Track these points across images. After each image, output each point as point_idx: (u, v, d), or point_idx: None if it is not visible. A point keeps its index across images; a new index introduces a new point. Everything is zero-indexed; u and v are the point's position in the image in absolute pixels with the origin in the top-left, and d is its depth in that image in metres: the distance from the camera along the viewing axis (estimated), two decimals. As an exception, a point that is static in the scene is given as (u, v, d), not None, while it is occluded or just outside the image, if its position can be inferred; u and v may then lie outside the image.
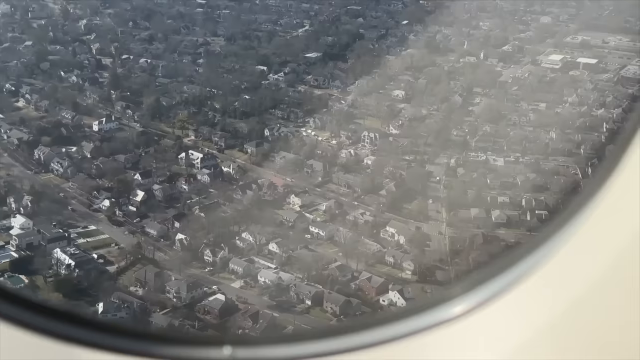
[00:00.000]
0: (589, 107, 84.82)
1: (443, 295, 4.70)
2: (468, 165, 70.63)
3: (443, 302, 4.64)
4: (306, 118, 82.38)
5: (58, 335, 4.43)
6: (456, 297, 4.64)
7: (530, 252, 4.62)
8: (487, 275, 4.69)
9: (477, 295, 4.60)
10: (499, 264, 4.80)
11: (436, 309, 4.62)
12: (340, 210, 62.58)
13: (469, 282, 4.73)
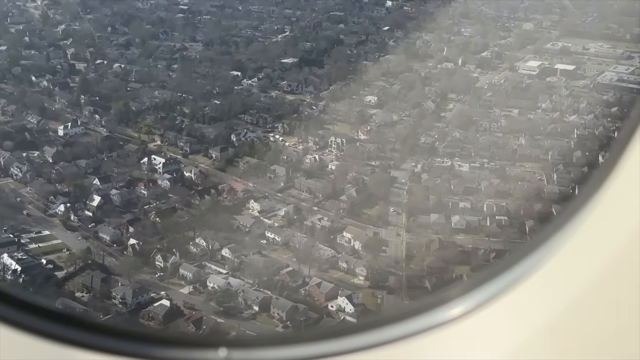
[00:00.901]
0: (562, 113, 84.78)
1: (441, 297, 4.71)
2: (433, 171, 70.52)
3: (441, 303, 4.64)
4: (275, 123, 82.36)
5: (55, 337, 4.46)
6: (455, 299, 4.64)
7: (528, 253, 4.63)
8: (486, 277, 4.69)
9: (476, 296, 4.59)
10: (497, 265, 4.81)
11: (434, 310, 4.62)
12: (298, 215, 62.40)
13: (468, 284, 4.75)
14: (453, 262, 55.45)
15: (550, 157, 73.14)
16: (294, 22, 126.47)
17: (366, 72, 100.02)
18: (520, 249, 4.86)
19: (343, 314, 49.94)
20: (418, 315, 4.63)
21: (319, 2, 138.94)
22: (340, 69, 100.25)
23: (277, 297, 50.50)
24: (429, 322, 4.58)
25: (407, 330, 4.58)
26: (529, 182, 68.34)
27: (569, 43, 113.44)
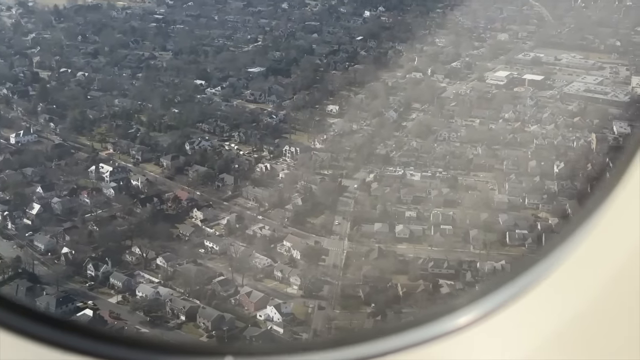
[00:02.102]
0: (523, 123, 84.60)
1: (449, 306, 4.73)
2: (384, 180, 70.23)
3: (449, 312, 4.67)
4: (232, 132, 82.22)
5: (58, 344, 4.46)
6: (462, 308, 4.66)
7: (536, 262, 4.68)
8: (493, 286, 4.72)
9: (483, 305, 4.62)
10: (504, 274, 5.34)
11: (442, 319, 4.64)
12: (240, 224, 62.05)
13: (475, 293, 4.81)
14: (390, 271, 55.03)
15: (504, 167, 72.86)
16: (267, 32, 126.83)
17: (332, 82, 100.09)
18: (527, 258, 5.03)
19: (271, 324, 49.46)
20: (426, 324, 4.64)
21: (296, 12, 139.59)
22: (305, 79, 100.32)
23: (203, 306, 50.03)
24: (436, 330, 4.60)
25: (414, 339, 4.59)
26: (479, 192, 68.03)
27: (542, 54, 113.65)
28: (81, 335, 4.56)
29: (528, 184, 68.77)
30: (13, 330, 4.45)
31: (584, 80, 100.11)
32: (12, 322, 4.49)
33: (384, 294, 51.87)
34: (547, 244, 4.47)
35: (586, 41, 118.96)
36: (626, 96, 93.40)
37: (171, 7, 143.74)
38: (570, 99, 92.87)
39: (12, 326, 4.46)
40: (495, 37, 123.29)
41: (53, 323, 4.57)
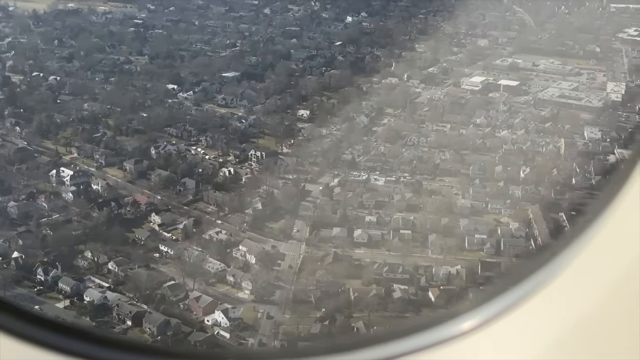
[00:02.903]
0: (494, 128, 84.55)
1: (453, 311, 4.78)
2: (348, 185, 70.06)
3: (453, 317, 4.71)
4: (200, 136, 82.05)
5: (59, 349, 4.47)
6: (465, 313, 4.72)
7: (539, 268, 4.71)
8: (497, 291, 4.76)
9: (487, 310, 4.66)
10: (507, 280, 4.89)
11: (446, 324, 4.69)
12: (198, 228, 61.81)
13: (478, 298, 4.99)
14: (344, 275, 54.79)
15: (470, 172, 72.74)
16: (247, 37, 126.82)
17: (306, 87, 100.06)
18: (530, 264, 4.94)
19: (218, 328, 49.13)
20: (430, 329, 4.67)
21: (277, 18, 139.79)
22: (279, 83, 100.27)
23: (150, 311, 49.70)
24: (440, 335, 4.63)
25: (419, 344, 4.62)
26: (443, 197, 67.83)
27: (520, 59, 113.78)
28: (81, 339, 4.58)
29: (492, 189, 68.64)
30: (12, 333, 4.45)
31: (559, 86, 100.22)
32: (11, 325, 4.49)
33: (335, 299, 51.59)
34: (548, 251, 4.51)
35: (566, 47, 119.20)
36: (600, 102, 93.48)
37: (152, 12, 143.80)
38: (544, 105, 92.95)
39: (11, 329, 4.46)
40: (475, 42, 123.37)
41: (52, 326, 4.59)
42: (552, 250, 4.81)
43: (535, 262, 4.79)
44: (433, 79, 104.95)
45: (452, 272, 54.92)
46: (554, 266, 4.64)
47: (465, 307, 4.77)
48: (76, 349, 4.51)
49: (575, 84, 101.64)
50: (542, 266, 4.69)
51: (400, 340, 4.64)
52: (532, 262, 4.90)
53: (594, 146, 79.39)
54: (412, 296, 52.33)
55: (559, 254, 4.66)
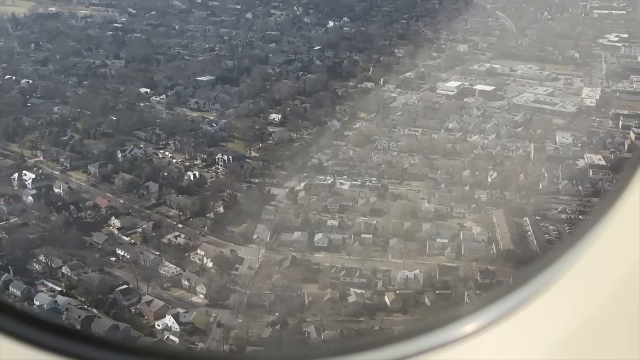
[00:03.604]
0: (465, 133, 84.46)
1: (456, 313, 4.79)
2: (313, 189, 69.79)
3: (456, 319, 4.72)
4: (168, 140, 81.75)
5: (58, 351, 4.47)
6: (469, 315, 4.73)
7: (541, 271, 4.73)
8: (499, 294, 4.77)
9: (489, 313, 4.67)
10: (510, 283, 4.96)
11: (449, 326, 4.69)
12: (157, 232, 61.41)
13: (480, 301, 4.85)
14: (301, 280, 54.49)
15: (438, 176, 72.58)
16: (226, 41, 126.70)
17: (280, 91, 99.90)
18: (532, 267, 4.98)
19: (169, 333, 48.74)
20: (433, 331, 4.68)
21: (259, 22, 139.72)
22: (254, 87, 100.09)
23: (99, 315, 49.28)
24: (443, 338, 4.63)
25: (422, 346, 4.62)
26: (408, 201, 67.65)
27: (498, 64, 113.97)
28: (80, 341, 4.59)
29: (458, 194, 68.47)
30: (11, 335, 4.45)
31: (534, 91, 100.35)
32: (10, 327, 4.48)
33: (289, 303, 51.26)
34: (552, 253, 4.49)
35: (545, 52, 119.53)
36: (574, 107, 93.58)
37: (133, 16, 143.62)
38: (518, 110, 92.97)
39: (10, 331, 4.46)
40: (454, 48, 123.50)
41: (51, 328, 4.58)
42: (554, 253, 4.81)
43: (538, 265, 4.79)
44: (409, 84, 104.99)
45: (409, 276, 54.64)
46: (556, 269, 4.65)
47: (468, 309, 4.76)
48: (75, 350, 4.50)
49: (551, 89, 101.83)
50: (544, 269, 4.70)
51: (404, 343, 4.65)
52: (535, 264, 4.96)
53: (564, 151, 79.40)
54: (367, 300, 51.99)
55: (561, 256, 4.67)
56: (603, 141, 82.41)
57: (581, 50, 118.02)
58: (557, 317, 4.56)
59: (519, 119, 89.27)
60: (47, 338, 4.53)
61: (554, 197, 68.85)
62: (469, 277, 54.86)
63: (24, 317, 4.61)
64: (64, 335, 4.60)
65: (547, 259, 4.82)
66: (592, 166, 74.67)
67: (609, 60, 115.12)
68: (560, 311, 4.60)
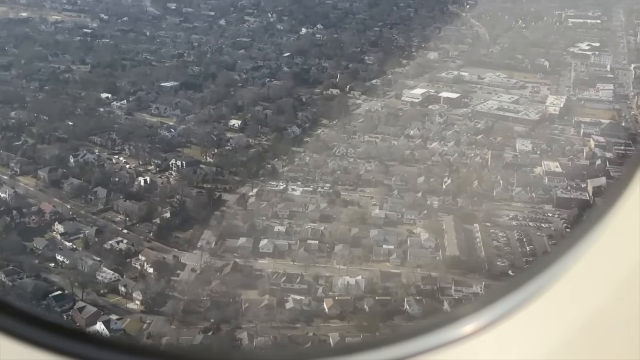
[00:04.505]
0: (424, 140, 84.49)
1: (456, 313, 4.78)
2: (264, 195, 69.51)
3: (455, 320, 4.72)
4: (124, 145, 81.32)
5: (59, 350, 4.46)
6: (468, 315, 4.71)
7: (542, 270, 4.72)
8: (499, 294, 4.77)
9: (489, 313, 4.67)
10: (510, 282, 4.95)
11: (448, 327, 4.69)
12: (100, 238, 60.90)
13: (479, 301, 4.82)
14: (240, 286, 54.11)
15: (392, 183, 72.48)
16: (195, 47, 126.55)
17: (243, 97, 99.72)
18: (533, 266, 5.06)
19: (99, 340, 48.04)
20: (432, 332, 4.67)
21: (231, 29, 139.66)
22: (217, 94, 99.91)
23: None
24: (442, 338, 4.63)
25: (421, 347, 4.62)
26: (359, 207, 67.48)
27: (467, 72, 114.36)
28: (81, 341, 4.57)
29: (410, 200, 68.35)
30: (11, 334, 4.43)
31: (499, 99, 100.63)
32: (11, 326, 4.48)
33: (225, 309, 50.85)
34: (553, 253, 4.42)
35: (515, 61, 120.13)
36: (537, 115, 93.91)
37: (105, 22, 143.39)
38: (481, 117, 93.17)
39: (11, 330, 4.45)
40: (425, 55, 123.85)
41: (53, 328, 4.56)
42: (555, 252, 4.82)
43: (539, 265, 4.79)
44: (375, 91, 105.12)
45: (350, 282, 54.36)
46: (557, 269, 4.65)
47: (468, 309, 4.75)
48: (76, 350, 4.49)
49: (516, 96, 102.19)
50: (545, 268, 4.70)
51: (403, 343, 4.64)
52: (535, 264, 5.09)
53: (523, 158, 79.59)
54: (305, 307, 51.65)
55: (561, 256, 4.67)
56: (562, 148, 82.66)
57: (551, 58, 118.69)
58: (558, 317, 4.55)
59: (481, 126, 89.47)
60: (47, 337, 4.49)
61: (507, 204, 68.89)
62: (410, 283, 54.63)
63: (23, 315, 4.56)
64: (64, 334, 4.56)
65: (548, 259, 4.81)
66: (548, 173, 74.84)
67: (578, 69, 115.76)
68: (560, 311, 4.58)
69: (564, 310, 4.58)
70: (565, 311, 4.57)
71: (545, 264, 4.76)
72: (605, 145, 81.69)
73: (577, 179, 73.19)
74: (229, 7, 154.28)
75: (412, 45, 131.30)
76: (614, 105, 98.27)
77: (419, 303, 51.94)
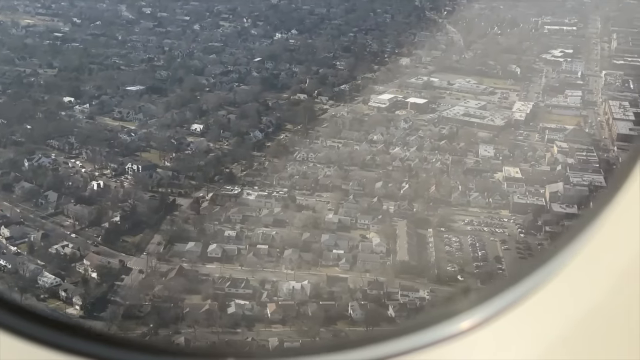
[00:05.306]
0: (387, 145, 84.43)
1: (453, 309, 4.77)
2: (219, 199, 69.21)
3: (453, 315, 4.70)
4: (81, 149, 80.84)
5: (58, 346, 4.45)
6: (466, 311, 4.70)
7: (539, 266, 4.70)
8: (497, 289, 4.76)
9: (487, 309, 4.66)
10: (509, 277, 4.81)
11: (446, 322, 4.68)
12: (46, 242, 60.36)
13: (476, 297, 4.82)
14: (184, 290, 53.70)
15: (350, 188, 72.34)
16: (166, 52, 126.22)
17: (208, 101, 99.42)
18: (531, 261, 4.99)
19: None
20: (429, 327, 4.67)
21: (205, 33, 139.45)
22: (182, 98, 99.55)
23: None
24: (440, 334, 4.62)
25: (417, 342, 4.60)
26: (314, 212, 67.27)
27: (437, 78, 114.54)
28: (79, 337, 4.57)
29: (366, 205, 68.20)
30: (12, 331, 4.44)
31: (466, 105, 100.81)
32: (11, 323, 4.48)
33: (165, 314, 50.43)
34: (550, 248, 4.31)
35: (486, 67, 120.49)
36: (503, 120, 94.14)
37: (77, 26, 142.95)
38: (447, 123, 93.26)
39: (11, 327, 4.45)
40: (397, 61, 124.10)
41: (51, 324, 4.58)
42: (553, 247, 4.82)
43: (536, 260, 4.79)
44: (343, 96, 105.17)
45: (296, 287, 54.06)
46: (555, 263, 4.64)
47: (465, 305, 4.75)
48: (78, 347, 4.48)
49: (484, 102, 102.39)
50: (543, 264, 4.69)
51: (399, 339, 4.63)
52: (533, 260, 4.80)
53: (484, 164, 79.68)
54: (248, 311, 51.30)
55: (560, 251, 4.66)
56: (524, 154, 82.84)
57: (523, 65, 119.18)
58: (557, 312, 4.55)
59: (446, 132, 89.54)
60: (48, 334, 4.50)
61: (463, 209, 68.87)
62: (357, 288, 54.38)
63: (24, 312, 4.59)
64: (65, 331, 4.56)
65: (546, 254, 4.80)
66: (507, 179, 74.92)
67: (549, 75, 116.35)
68: (559, 306, 4.57)
69: (562, 306, 4.56)
70: (563, 306, 4.55)
71: (543, 259, 4.73)
72: (568, 151, 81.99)
73: (536, 184, 73.34)
74: (204, 12, 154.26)
75: (385, 51, 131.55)
76: (581, 111, 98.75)
77: (364, 308, 51.67)
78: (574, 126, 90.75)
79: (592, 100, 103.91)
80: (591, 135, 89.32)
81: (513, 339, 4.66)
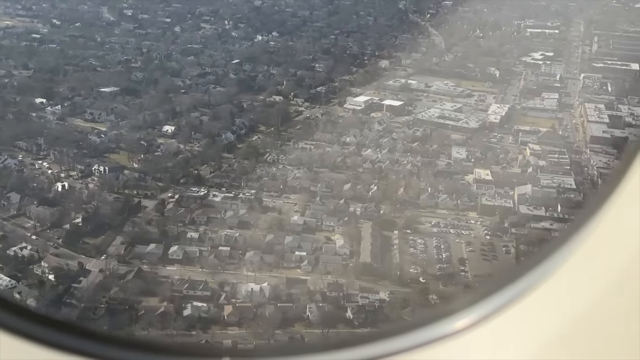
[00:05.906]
0: (359, 147, 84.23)
1: (446, 309, 4.74)
2: (184, 201, 68.83)
3: (449, 314, 4.68)
4: (49, 150, 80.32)
5: (58, 345, 4.42)
6: (462, 310, 4.67)
7: (537, 264, 4.66)
8: (493, 288, 4.72)
9: (483, 307, 4.62)
10: (505, 275, 4.87)
11: (442, 321, 4.65)
12: (4, 243, 59.81)
13: (472, 295, 4.78)
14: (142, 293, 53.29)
15: (318, 189, 72.08)
16: (144, 53, 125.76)
17: (181, 103, 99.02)
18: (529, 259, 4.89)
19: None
20: (425, 326, 4.64)
21: (185, 35, 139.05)
22: (156, 100, 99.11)
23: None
24: (436, 333, 4.59)
25: (413, 342, 4.58)
26: (279, 214, 66.95)
27: (415, 80, 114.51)
28: (78, 336, 4.55)
29: (333, 207, 67.95)
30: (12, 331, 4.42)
31: (441, 107, 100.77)
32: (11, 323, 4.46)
33: (120, 317, 49.99)
34: (548, 246, 4.77)
35: (465, 69, 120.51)
36: (477, 123, 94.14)
37: (56, 27, 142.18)
38: (421, 125, 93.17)
39: (11, 327, 4.43)
40: (376, 63, 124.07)
41: (51, 324, 4.57)
42: (551, 245, 4.79)
43: (533, 259, 4.75)
44: (319, 98, 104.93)
45: (254, 289, 53.71)
46: (553, 261, 4.61)
47: (461, 304, 4.72)
48: (78, 347, 4.46)
49: (460, 105, 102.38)
50: (540, 261, 4.65)
51: (394, 338, 4.60)
52: (530, 258, 4.58)
53: (455, 166, 79.58)
54: (204, 313, 50.91)
55: (558, 249, 4.63)
56: (497, 156, 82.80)
57: (502, 67, 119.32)
58: (554, 311, 4.52)
59: (419, 134, 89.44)
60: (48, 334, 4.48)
61: (431, 211, 68.70)
62: (316, 290, 54.08)
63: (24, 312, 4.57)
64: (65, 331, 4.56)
65: (543, 251, 4.77)
66: (477, 181, 74.81)
67: (528, 78, 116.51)
68: (556, 304, 4.54)
69: (559, 304, 4.53)
70: (561, 305, 4.52)
71: (540, 257, 4.69)
72: (540, 154, 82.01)
73: (506, 186, 73.27)
74: (186, 14, 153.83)
75: (366, 53, 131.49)
76: (557, 114, 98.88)
77: (321, 310, 51.35)
78: (548, 129, 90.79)
79: (569, 103, 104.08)
80: (565, 138, 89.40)
81: (510, 337, 4.61)
